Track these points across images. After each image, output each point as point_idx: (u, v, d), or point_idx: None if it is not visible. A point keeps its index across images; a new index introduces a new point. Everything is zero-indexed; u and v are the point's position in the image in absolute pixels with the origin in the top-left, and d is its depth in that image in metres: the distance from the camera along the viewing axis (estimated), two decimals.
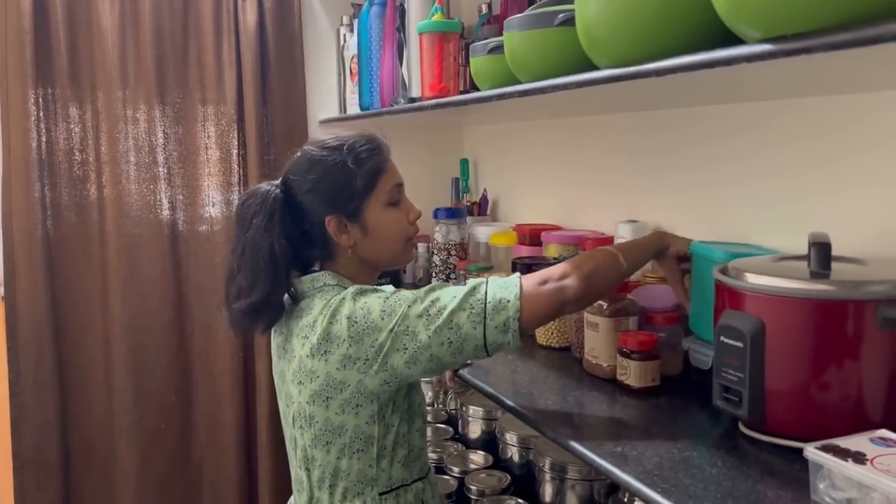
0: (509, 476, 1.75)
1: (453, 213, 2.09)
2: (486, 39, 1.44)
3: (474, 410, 1.94)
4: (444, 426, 2.08)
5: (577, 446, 1.04)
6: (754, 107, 1.34)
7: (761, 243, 1.33)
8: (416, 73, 1.73)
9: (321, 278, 1.18)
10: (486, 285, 1.09)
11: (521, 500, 1.68)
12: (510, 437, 1.78)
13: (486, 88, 1.41)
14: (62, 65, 2.10)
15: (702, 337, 1.25)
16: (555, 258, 1.56)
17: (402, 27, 1.85)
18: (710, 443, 1.04)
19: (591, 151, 1.84)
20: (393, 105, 1.89)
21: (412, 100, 1.78)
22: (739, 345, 0.98)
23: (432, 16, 1.64)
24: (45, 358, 2.15)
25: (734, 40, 0.75)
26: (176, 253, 2.28)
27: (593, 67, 1.01)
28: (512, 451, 1.78)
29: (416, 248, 2.16)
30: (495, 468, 1.81)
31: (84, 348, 2.22)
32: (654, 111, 1.60)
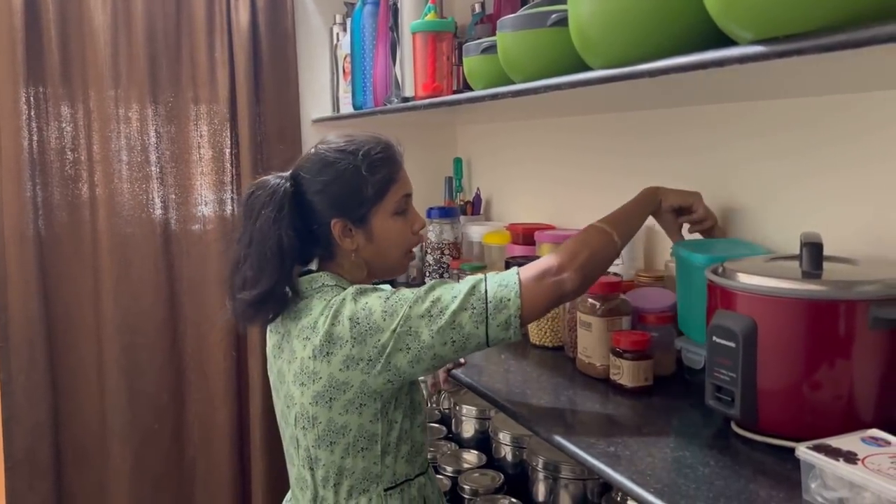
0: (503, 475, 1.75)
1: (447, 213, 2.08)
2: (479, 39, 1.44)
3: (468, 410, 1.94)
4: (437, 425, 2.07)
5: (570, 446, 1.04)
6: (748, 107, 1.35)
7: (755, 241, 1.33)
8: (410, 72, 1.73)
9: (319, 279, 1.18)
10: (486, 283, 1.10)
11: (515, 500, 1.69)
12: (503, 436, 1.78)
13: (480, 88, 1.41)
14: (54, 63, 2.09)
15: (692, 339, 1.26)
16: None
17: (395, 26, 1.84)
18: (703, 442, 1.04)
19: (585, 151, 1.84)
20: (386, 104, 1.89)
21: (405, 99, 1.77)
22: (732, 345, 0.98)
23: (425, 15, 1.64)
24: (36, 358, 2.14)
25: (727, 41, 0.76)
26: (168, 252, 2.27)
27: (586, 67, 1.01)
28: (505, 451, 1.79)
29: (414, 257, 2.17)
30: (489, 467, 1.81)
31: (76, 348, 2.21)
32: (646, 111, 1.61)
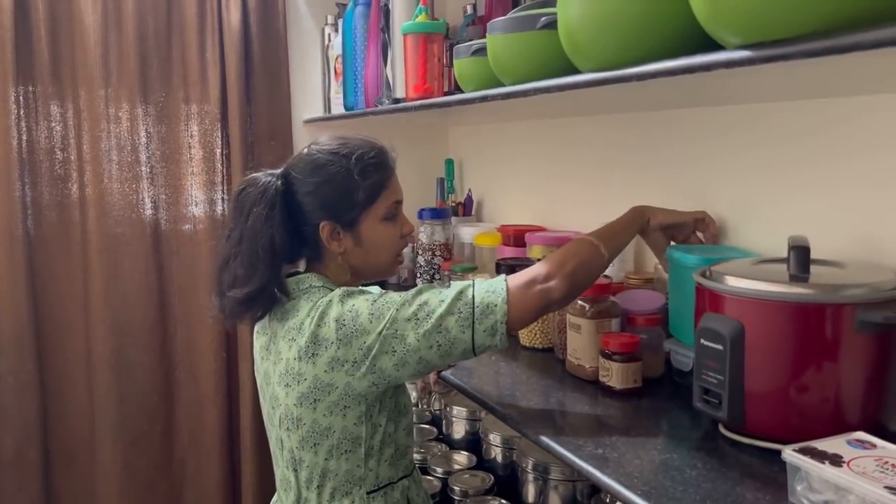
0: (493, 476, 1.75)
1: (438, 214, 2.08)
2: (470, 40, 1.44)
3: (458, 411, 1.94)
4: (427, 427, 2.07)
5: (559, 448, 1.05)
6: (736, 110, 1.35)
7: (741, 245, 1.34)
8: (401, 73, 1.73)
9: (307, 280, 1.18)
10: (473, 288, 1.10)
11: (505, 501, 1.69)
12: (494, 437, 1.79)
13: (470, 90, 1.41)
14: (43, 62, 2.08)
15: (681, 340, 1.26)
16: (538, 260, 1.56)
17: (386, 27, 1.84)
18: (691, 445, 1.04)
19: (576, 153, 1.84)
20: (377, 105, 1.89)
21: (397, 100, 1.77)
22: (719, 347, 0.99)
23: (417, 16, 1.64)
24: (25, 359, 2.13)
25: (714, 46, 0.76)
26: (158, 253, 2.26)
27: (576, 70, 1.01)
28: (495, 452, 1.79)
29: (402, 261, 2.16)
30: (479, 469, 1.81)
31: (65, 349, 2.20)
32: (636, 113, 1.61)
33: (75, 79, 2.11)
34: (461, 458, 1.87)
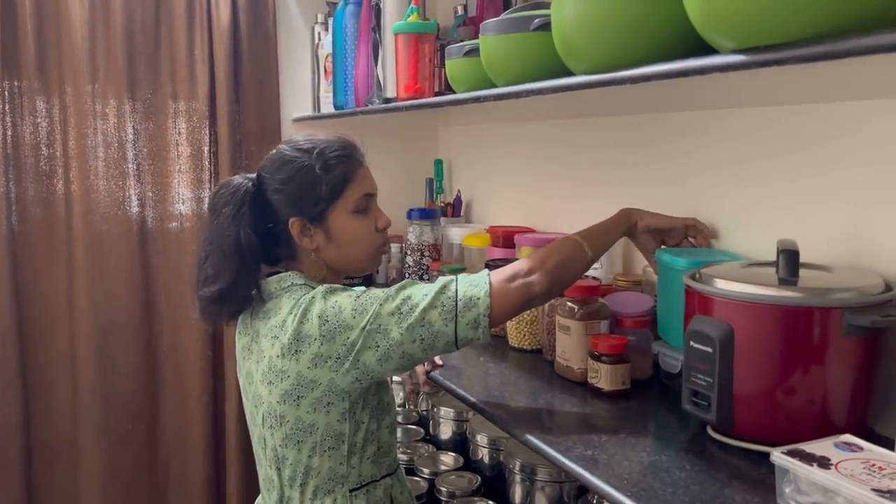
0: (479, 477, 1.75)
1: (427, 214, 2.08)
2: (461, 41, 1.44)
3: (445, 412, 1.94)
4: (414, 427, 2.07)
5: (548, 449, 1.05)
6: (727, 115, 1.36)
7: (731, 249, 1.35)
8: (392, 73, 1.73)
9: (288, 278, 1.19)
10: (457, 283, 1.12)
11: (492, 502, 1.69)
12: (481, 438, 1.78)
13: (462, 91, 1.41)
14: (29, 57, 2.06)
15: (670, 343, 1.27)
16: None
17: (377, 27, 1.84)
18: (679, 447, 1.05)
19: (566, 155, 1.85)
20: (368, 105, 1.88)
21: (387, 100, 1.77)
22: (709, 350, 0.99)
23: (408, 16, 1.64)
24: (8, 356, 2.11)
25: (709, 50, 0.76)
26: (144, 251, 2.24)
27: (569, 72, 1.01)
28: (482, 453, 1.79)
29: (390, 254, 2.16)
30: (466, 469, 1.81)
31: (49, 347, 2.18)
32: (628, 116, 1.62)
33: (62, 74, 2.09)
34: (448, 459, 1.87)
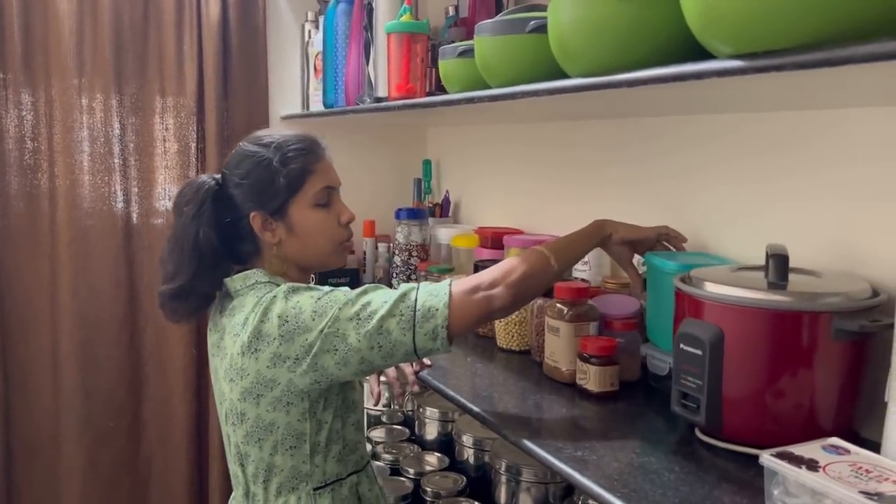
0: (465, 478, 1.76)
1: (415, 214, 2.08)
2: (452, 41, 1.44)
3: (431, 412, 1.94)
4: (400, 427, 2.07)
5: (539, 450, 1.05)
6: (717, 119, 1.37)
7: (721, 253, 1.36)
8: (383, 72, 1.72)
9: (252, 276, 1.19)
10: (417, 291, 1.11)
11: (477, 502, 1.69)
12: (466, 438, 1.79)
13: (455, 91, 1.41)
14: (15, 50, 2.03)
15: (659, 346, 1.28)
16: None
17: (369, 26, 1.83)
18: (668, 448, 1.05)
19: (555, 157, 1.85)
20: (358, 104, 1.88)
21: (378, 99, 1.77)
22: (698, 352, 1.00)
23: (401, 16, 1.64)
24: None
25: (706, 55, 0.77)
26: (129, 247, 2.23)
27: (564, 74, 1.02)
28: (468, 453, 1.79)
29: (353, 251, 2.14)
30: (451, 470, 1.81)
31: (30, 342, 2.15)
32: (620, 119, 1.62)
33: (48, 67, 2.07)
34: (433, 460, 1.87)
